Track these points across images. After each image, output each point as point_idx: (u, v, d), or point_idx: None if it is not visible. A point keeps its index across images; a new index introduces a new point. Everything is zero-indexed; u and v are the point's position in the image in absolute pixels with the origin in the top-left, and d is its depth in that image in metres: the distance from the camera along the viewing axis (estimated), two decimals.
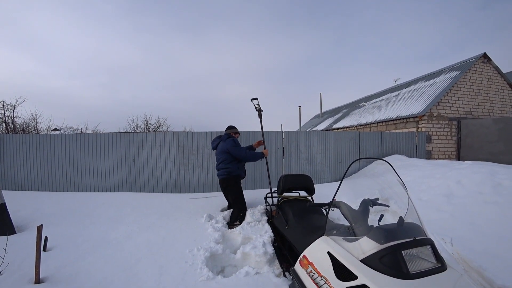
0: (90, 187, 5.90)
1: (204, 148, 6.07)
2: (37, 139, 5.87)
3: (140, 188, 5.96)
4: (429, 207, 3.96)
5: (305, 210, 2.91)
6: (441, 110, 8.41)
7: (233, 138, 4.12)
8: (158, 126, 19.47)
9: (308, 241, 2.12)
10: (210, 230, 3.62)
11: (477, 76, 8.88)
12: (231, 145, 3.99)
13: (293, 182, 3.51)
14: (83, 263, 2.89)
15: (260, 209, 4.01)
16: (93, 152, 5.88)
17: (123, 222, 4.03)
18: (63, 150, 5.85)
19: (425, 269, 1.48)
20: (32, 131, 14.19)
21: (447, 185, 4.44)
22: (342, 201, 2.02)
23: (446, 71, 9.73)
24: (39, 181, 5.87)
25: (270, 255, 2.95)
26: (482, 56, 8.92)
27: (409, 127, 8.65)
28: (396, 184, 2.06)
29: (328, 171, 6.81)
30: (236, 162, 4.07)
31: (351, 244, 1.72)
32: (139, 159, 5.93)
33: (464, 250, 2.87)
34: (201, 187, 6.09)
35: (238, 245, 3.34)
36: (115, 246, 3.28)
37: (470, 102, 8.79)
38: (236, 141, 4.12)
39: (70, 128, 17.22)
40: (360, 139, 7.09)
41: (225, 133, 4.32)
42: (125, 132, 12.43)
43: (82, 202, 4.94)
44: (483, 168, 4.64)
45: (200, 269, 2.72)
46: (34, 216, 4.18)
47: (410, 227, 1.68)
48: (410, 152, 7.58)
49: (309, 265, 1.91)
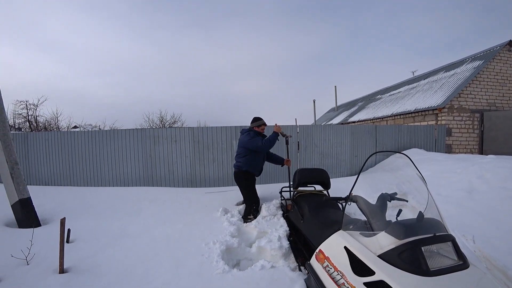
0: (109, 182, 6.08)
1: (219, 143, 6.11)
2: (58, 136, 6.08)
3: (156, 183, 6.09)
4: (449, 203, 3.84)
5: (321, 205, 2.88)
6: (462, 102, 8.08)
7: (248, 132, 3.98)
8: (173, 122, 19.74)
9: (324, 235, 2.10)
10: (225, 224, 3.66)
11: (501, 66, 8.45)
12: (247, 139, 3.89)
13: (308, 176, 3.48)
14: (103, 255, 2.99)
15: (276, 203, 4.01)
16: (111, 148, 6.04)
17: (141, 216, 4.13)
18: (83, 146, 6.04)
19: (446, 266, 1.43)
20: (53, 129, 14.73)
21: (469, 180, 4.29)
22: (359, 195, 1.98)
23: (468, 60, 9.32)
24: (61, 176, 6.10)
25: (286, 249, 2.95)
26: (508, 44, 8.46)
27: (428, 120, 8.37)
28: (415, 178, 2.00)
29: (344, 165, 6.71)
30: (250, 157, 3.95)
31: (368, 239, 1.69)
32: (155, 154, 6.05)
33: (487, 247, 2.77)
34: (216, 182, 6.15)
35: (254, 239, 3.36)
36: (133, 239, 3.37)
37: (493, 93, 8.39)
38: (252, 134, 3.96)
39: (89, 125, 17.75)
40: (377, 132, 6.93)
41: (249, 126, 4.18)
42: (142, 128, 12.69)
43: (102, 196, 5.10)
44: (508, 163, 4.44)
45: (216, 262, 2.76)
46: (57, 210, 4.35)
47: (430, 222, 1.63)
48: (429, 146, 7.35)
49: (325, 259, 1.90)
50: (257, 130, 4.05)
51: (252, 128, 4.06)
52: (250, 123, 4.15)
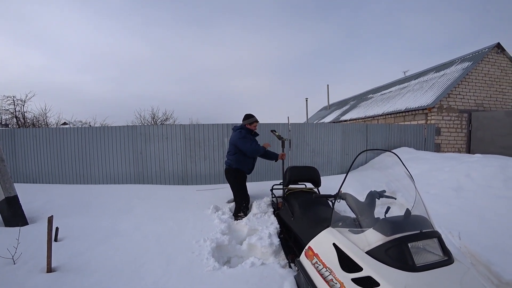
0: (99, 180, 6.00)
1: (211, 140, 6.09)
2: (47, 133, 5.96)
3: (147, 180, 6.04)
4: (438, 201, 3.91)
5: (311, 202, 2.91)
6: (451, 102, 8.23)
7: (240, 130, 3.96)
8: (165, 119, 19.64)
9: (313, 232, 2.12)
10: (216, 221, 3.66)
11: (489, 67, 8.63)
12: (238, 137, 3.88)
13: (299, 174, 3.50)
14: (93, 253, 2.95)
15: (266, 200, 4.03)
16: (102, 145, 5.95)
17: (132, 214, 4.09)
18: (73, 143, 5.94)
19: (432, 262, 1.46)
20: (42, 125, 14.44)
21: (456, 179, 4.38)
22: (348, 193, 2.00)
23: (458, 62, 9.48)
24: (49, 174, 6.00)
25: (276, 246, 2.97)
26: (496, 46, 8.65)
27: (418, 120, 8.50)
28: (404, 176, 2.04)
29: (335, 163, 6.77)
30: (240, 155, 3.95)
31: (356, 236, 1.71)
32: (146, 152, 5.99)
33: (472, 244, 2.83)
34: (207, 179, 6.13)
35: (244, 236, 3.37)
36: (124, 237, 3.34)
37: (481, 94, 8.57)
38: (243, 133, 3.94)
39: (79, 122, 17.51)
40: (368, 131, 7.01)
41: (240, 124, 4.15)
42: (133, 125, 12.56)
43: (92, 194, 5.03)
44: (494, 162, 4.55)
45: (206, 260, 2.76)
46: (45, 208, 4.27)
47: (417, 219, 1.67)
48: (418, 145, 7.47)
49: (314, 256, 1.92)
50: (249, 128, 4.03)
51: (244, 126, 4.04)
52: (242, 120, 4.11)
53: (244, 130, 3.98)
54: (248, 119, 4.05)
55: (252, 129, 4.05)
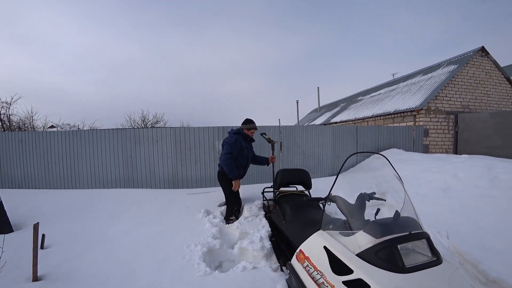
0: (88, 184, 5.88)
1: (202, 143, 6.05)
2: (33, 136, 5.82)
3: (137, 184, 5.95)
4: (426, 201, 3.98)
5: (302, 205, 2.91)
6: (438, 104, 8.40)
7: (233, 136, 3.86)
8: (156, 122, 19.40)
9: (304, 235, 2.12)
10: (207, 225, 3.63)
11: (474, 70, 8.86)
12: (225, 141, 3.84)
13: (290, 176, 3.51)
14: (81, 260, 2.89)
15: (258, 204, 4.02)
16: (90, 149, 5.85)
17: (121, 219, 4.03)
18: (60, 147, 5.81)
19: (421, 263, 1.48)
20: (28, 129, 14.11)
21: (444, 179, 4.46)
22: (338, 195, 2.02)
23: (444, 64, 9.71)
24: (36, 178, 5.85)
25: (267, 249, 2.96)
26: (480, 50, 8.88)
27: (406, 121, 8.65)
28: (393, 178, 2.06)
29: (326, 165, 6.81)
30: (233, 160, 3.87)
31: (347, 239, 1.72)
32: (136, 155, 5.91)
33: (460, 243, 2.89)
34: (198, 182, 6.08)
35: (236, 240, 3.35)
36: (113, 243, 3.28)
37: (467, 96, 8.78)
38: (233, 139, 3.82)
39: (67, 125, 17.12)
40: (358, 133, 7.09)
41: (238, 128, 4.05)
42: (122, 128, 12.34)
43: (80, 199, 4.94)
44: (480, 162, 4.65)
45: (197, 265, 2.73)
46: (31, 214, 4.17)
47: (406, 221, 1.69)
48: (407, 146, 7.60)
49: (305, 259, 1.92)
50: (246, 133, 3.98)
51: (242, 130, 3.99)
52: (241, 123, 4.05)
53: (240, 136, 3.92)
54: (247, 124, 3.99)
55: (248, 134, 4.00)
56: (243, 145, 3.91)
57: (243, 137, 3.97)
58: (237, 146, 3.80)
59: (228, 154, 3.71)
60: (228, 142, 3.80)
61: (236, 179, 3.77)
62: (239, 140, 3.86)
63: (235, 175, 3.73)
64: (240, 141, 3.87)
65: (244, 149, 3.91)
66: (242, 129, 3.99)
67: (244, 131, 3.98)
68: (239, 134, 3.95)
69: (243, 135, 3.97)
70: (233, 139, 3.81)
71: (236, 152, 3.80)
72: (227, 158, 3.70)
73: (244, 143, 3.95)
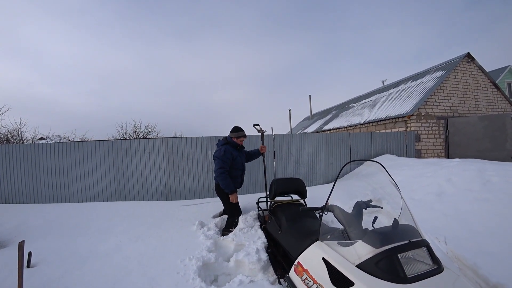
0: (78, 198, 5.72)
1: (194, 154, 5.97)
2: (21, 149, 5.66)
3: (129, 197, 5.81)
4: (421, 206, 3.97)
5: (298, 214, 2.86)
6: (428, 109, 8.53)
7: (223, 148, 3.76)
8: (148, 133, 19.19)
9: (302, 246, 2.07)
10: (202, 238, 3.54)
11: (462, 75, 9.06)
12: (215, 155, 3.75)
13: (285, 186, 3.46)
14: (70, 278, 2.77)
15: (253, 214, 3.94)
16: (80, 161, 5.71)
17: (112, 233, 3.90)
18: (49, 159, 5.66)
19: (422, 272, 1.45)
20: (16, 141, 13.79)
21: (438, 184, 4.47)
22: (335, 204, 1.98)
23: (432, 71, 9.91)
24: (23, 193, 5.66)
25: (264, 261, 2.88)
26: (466, 56, 9.11)
27: (398, 127, 8.74)
28: (389, 184, 2.04)
29: (320, 173, 6.80)
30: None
31: (346, 249, 1.67)
32: (127, 167, 5.79)
33: (458, 248, 2.87)
34: (192, 194, 5.98)
35: (231, 252, 3.26)
36: (103, 259, 3.16)
37: (456, 100, 8.95)
38: (222, 150, 3.72)
39: (57, 136, 16.82)
40: (351, 140, 7.11)
41: (225, 138, 3.95)
42: (114, 139, 12.13)
43: (69, 213, 4.78)
44: (472, 166, 4.69)
45: (192, 280, 2.64)
46: (18, 230, 4.01)
47: (405, 229, 1.65)
48: (400, 152, 7.65)
49: (304, 272, 1.86)
50: (235, 142, 3.89)
51: (231, 138, 3.90)
52: (230, 132, 3.96)
53: (229, 146, 3.82)
54: (236, 132, 3.90)
55: (237, 143, 3.91)
56: (234, 154, 3.83)
57: (233, 146, 3.89)
58: (228, 157, 3.72)
59: (220, 169, 3.64)
60: (218, 156, 3.71)
61: (232, 193, 3.71)
62: (229, 150, 3.77)
63: (231, 189, 3.68)
64: (230, 151, 3.78)
65: (236, 158, 3.84)
66: (231, 138, 3.91)
67: (233, 140, 3.90)
68: (228, 144, 3.86)
69: (232, 144, 3.89)
70: (222, 152, 3.72)
71: (228, 165, 3.73)
72: (221, 173, 3.63)
73: (235, 152, 3.87)
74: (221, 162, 3.66)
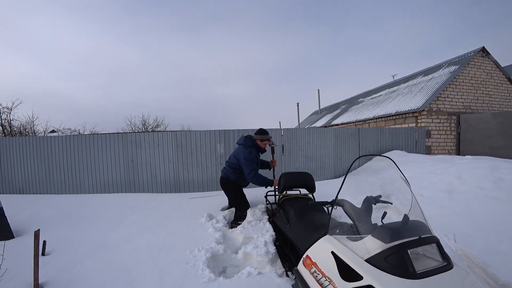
0: (89, 189, 5.85)
1: (203, 147, 6.03)
2: (34, 141, 5.80)
3: (139, 189, 5.92)
4: (431, 203, 3.93)
5: (306, 208, 2.87)
6: (440, 105, 8.38)
7: (251, 150, 3.79)
8: (156, 126, 19.42)
9: (310, 240, 2.08)
10: (210, 230, 3.58)
11: (475, 71, 8.84)
12: (245, 157, 3.73)
13: (293, 180, 3.46)
14: (82, 267, 2.84)
15: (261, 208, 3.97)
16: (91, 153, 5.82)
17: (122, 224, 3.99)
18: (61, 152, 5.79)
19: (432, 268, 1.44)
20: (29, 134, 14.11)
21: (449, 181, 4.42)
22: (345, 199, 1.98)
23: (445, 65, 9.69)
24: (37, 184, 5.82)
25: (272, 254, 2.91)
26: (481, 50, 8.88)
27: (408, 123, 8.62)
28: (399, 180, 2.02)
29: (328, 167, 6.78)
30: (241, 172, 3.86)
31: (355, 244, 1.68)
32: (137, 159, 5.89)
33: (467, 246, 2.84)
34: (200, 186, 6.05)
35: (240, 245, 3.30)
36: (114, 249, 3.23)
37: (469, 96, 8.76)
38: (253, 154, 3.77)
39: (67, 129, 17.15)
40: (360, 135, 7.06)
41: (250, 138, 3.93)
42: (123, 132, 12.29)
43: (81, 204, 4.90)
44: (483, 163, 4.61)
45: (201, 271, 2.68)
46: (32, 220, 4.13)
47: (415, 225, 1.65)
48: (409, 148, 7.56)
49: (312, 265, 1.88)
50: (259, 144, 3.91)
51: (255, 140, 3.91)
52: (255, 133, 3.94)
53: (254, 149, 3.85)
54: (261, 134, 3.89)
55: (261, 146, 3.92)
56: (257, 156, 3.92)
57: (258, 149, 3.93)
58: (255, 160, 3.81)
59: (253, 171, 3.72)
60: (247, 158, 3.73)
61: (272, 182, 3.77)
62: (254, 153, 3.83)
63: (268, 182, 3.75)
64: (255, 154, 3.86)
65: (257, 160, 3.92)
66: (255, 140, 3.92)
67: (257, 142, 3.91)
68: (254, 147, 3.89)
69: (257, 147, 3.91)
70: (251, 154, 3.78)
71: (256, 166, 3.82)
72: (254, 175, 3.71)
73: (258, 155, 3.96)
74: (251, 164, 3.74)
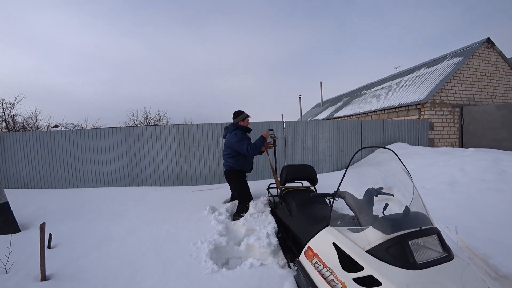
0: (92, 183, 5.90)
1: (205, 140, 6.04)
2: (37, 136, 5.84)
3: (142, 182, 5.96)
4: (433, 195, 3.93)
5: (308, 200, 2.89)
6: (443, 97, 8.30)
7: (236, 132, 3.86)
8: (159, 119, 19.43)
9: (312, 231, 2.10)
10: (213, 223, 3.61)
11: (480, 62, 8.73)
12: (235, 140, 3.79)
13: (295, 172, 3.48)
14: (87, 259, 2.89)
15: (263, 200, 4.00)
16: (94, 147, 5.86)
17: (126, 217, 4.03)
18: (64, 146, 5.83)
19: (432, 259, 1.45)
20: (32, 129, 14.18)
21: (451, 173, 4.41)
22: (346, 191, 1.99)
23: (449, 57, 9.58)
24: (41, 178, 5.88)
25: (274, 246, 2.94)
26: (486, 41, 8.74)
27: (411, 115, 8.56)
28: (400, 172, 2.03)
29: (330, 160, 6.78)
30: (241, 156, 3.89)
31: (356, 235, 1.69)
32: (140, 153, 5.92)
33: (468, 238, 2.85)
34: (203, 179, 6.08)
35: (242, 236, 3.34)
36: (118, 242, 3.28)
37: (473, 88, 8.67)
38: (239, 135, 3.85)
39: (70, 124, 17.21)
40: (362, 127, 7.03)
41: (232, 123, 4.04)
42: (126, 126, 12.33)
43: (85, 197, 4.95)
44: (486, 155, 4.59)
45: (204, 262, 2.72)
46: (38, 214, 4.19)
47: (416, 216, 1.65)
48: (412, 140, 7.53)
49: (314, 256, 1.90)
50: (243, 125, 3.99)
51: (238, 124, 3.98)
52: (233, 118, 4.06)
53: (240, 131, 3.91)
54: (240, 115, 4.01)
55: (245, 125, 4.02)
56: (244, 135, 3.96)
57: (244, 130, 4.00)
58: (244, 138, 3.87)
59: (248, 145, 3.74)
60: (237, 140, 3.78)
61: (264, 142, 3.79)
62: (239, 133, 3.88)
63: (262, 142, 3.77)
64: (241, 133, 3.91)
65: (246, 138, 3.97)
66: (237, 123, 3.99)
67: (240, 124, 3.98)
68: (238, 129, 3.94)
69: (242, 128, 3.97)
70: (237, 135, 3.83)
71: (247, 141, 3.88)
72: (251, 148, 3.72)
73: (247, 136, 4.02)
74: (244, 141, 3.78)
